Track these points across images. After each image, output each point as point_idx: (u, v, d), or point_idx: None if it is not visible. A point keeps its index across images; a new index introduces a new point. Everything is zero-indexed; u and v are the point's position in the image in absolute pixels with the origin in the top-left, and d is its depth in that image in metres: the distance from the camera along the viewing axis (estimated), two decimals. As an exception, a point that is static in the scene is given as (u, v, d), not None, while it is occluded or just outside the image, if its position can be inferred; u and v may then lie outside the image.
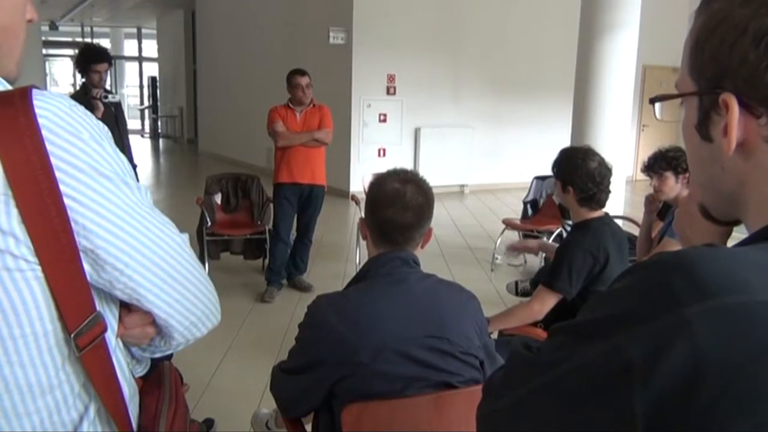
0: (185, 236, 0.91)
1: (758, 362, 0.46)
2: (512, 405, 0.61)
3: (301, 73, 4.89)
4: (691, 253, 0.53)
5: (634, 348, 0.49)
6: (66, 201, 0.74)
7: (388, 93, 9.95)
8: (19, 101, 0.74)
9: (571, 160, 2.54)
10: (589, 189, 2.50)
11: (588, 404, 0.52)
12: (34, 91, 0.75)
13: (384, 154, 9.96)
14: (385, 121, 9.98)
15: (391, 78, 9.90)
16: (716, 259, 0.52)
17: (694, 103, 0.65)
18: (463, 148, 10.49)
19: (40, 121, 0.73)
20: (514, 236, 6.17)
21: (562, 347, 0.57)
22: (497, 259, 6.03)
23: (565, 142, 6.06)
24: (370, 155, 9.84)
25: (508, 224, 6.05)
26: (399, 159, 9.43)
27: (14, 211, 0.72)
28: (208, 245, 5.33)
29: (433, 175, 2.68)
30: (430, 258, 4.37)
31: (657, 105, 0.74)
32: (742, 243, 0.60)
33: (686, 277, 0.50)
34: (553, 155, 2.69)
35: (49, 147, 0.73)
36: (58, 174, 0.74)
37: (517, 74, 10.81)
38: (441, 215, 7.83)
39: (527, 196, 6.33)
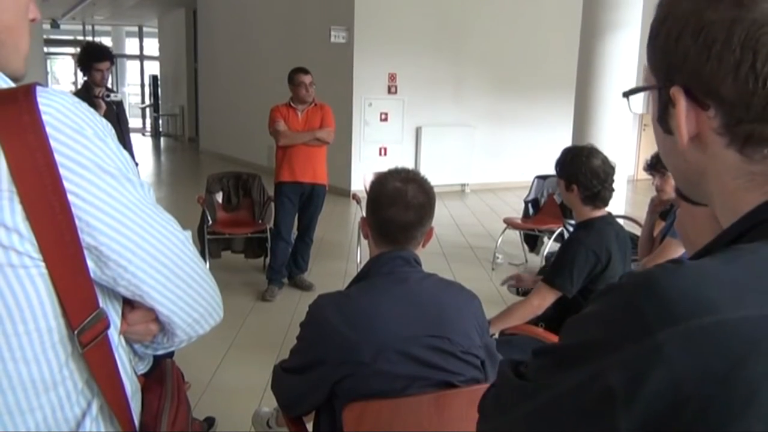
0: (188, 233, 0.91)
1: (736, 373, 0.47)
2: (507, 428, 0.62)
3: (304, 71, 4.89)
4: (657, 274, 0.53)
5: (614, 375, 0.50)
6: (70, 198, 0.75)
7: (389, 92, 9.95)
8: (23, 98, 0.74)
9: (574, 159, 2.53)
10: (594, 186, 2.49)
11: (576, 430, 0.53)
12: (38, 89, 0.75)
13: (385, 153, 9.97)
14: (386, 120, 9.98)
15: (392, 77, 9.90)
16: (684, 278, 0.52)
17: (655, 96, 0.66)
18: (464, 147, 10.49)
19: (44, 118, 0.73)
20: (515, 235, 6.17)
21: (545, 373, 0.58)
22: (498, 258, 6.03)
23: (567, 141, 6.06)
24: (371, 154, 9.84)
25: (509, 223, 6.04)
26: (400, 158, 9.45)
27: (18, 208, 0.72)
28: (209, 244, 5.32)
29: (434, 174, 2.69)
30: (431, 257, 4.37)
31: (631, 99, 0.74)
32: (710, 248, 0.60)
33: (655, 301, 0.50)
34: (555, 154, 2.68)
35: (53, 144, 0.73)
36: (62, 171, 0.74)
37: (519, 73, 10.80)
38: (442, 214, 7.83)
39: (528, 195, 6.33)
